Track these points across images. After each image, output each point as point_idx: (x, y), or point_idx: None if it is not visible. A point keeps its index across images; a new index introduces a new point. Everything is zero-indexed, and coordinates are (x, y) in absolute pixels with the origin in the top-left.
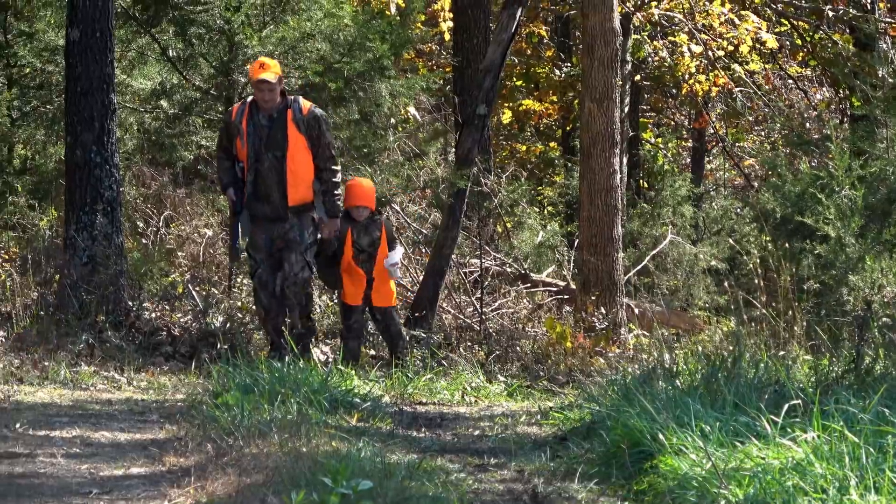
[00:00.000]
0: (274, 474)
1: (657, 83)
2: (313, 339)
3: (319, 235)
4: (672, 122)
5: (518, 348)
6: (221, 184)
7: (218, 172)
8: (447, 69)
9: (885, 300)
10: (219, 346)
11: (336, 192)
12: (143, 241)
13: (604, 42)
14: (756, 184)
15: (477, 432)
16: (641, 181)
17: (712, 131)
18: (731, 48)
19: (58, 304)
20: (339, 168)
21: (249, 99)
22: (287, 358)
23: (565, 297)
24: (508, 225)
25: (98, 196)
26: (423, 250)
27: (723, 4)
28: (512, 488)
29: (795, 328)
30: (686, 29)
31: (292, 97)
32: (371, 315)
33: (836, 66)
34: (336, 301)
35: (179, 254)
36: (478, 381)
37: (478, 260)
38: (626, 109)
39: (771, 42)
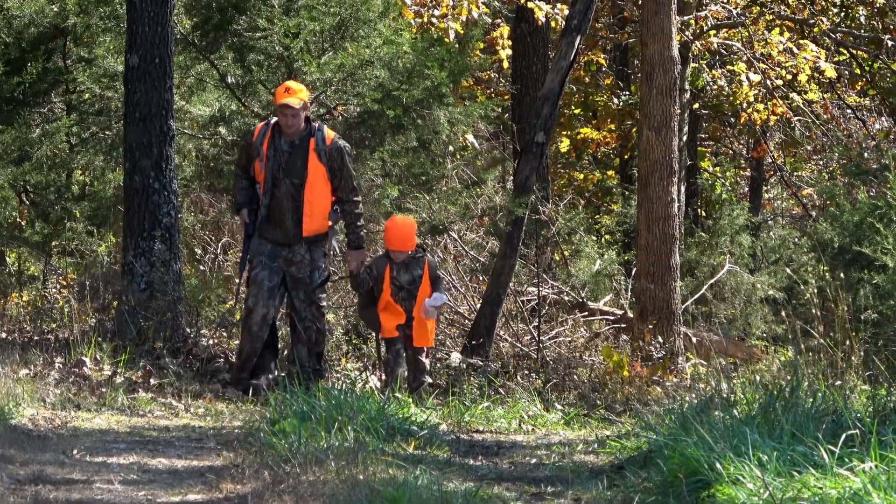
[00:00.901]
0: (331, 502)
1: (715, 112)
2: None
3: (348, 270)
4: (730, 151)
5: (575, 377)
6: (236, 203)
7: (233, 191)
8: (506, 97)
9: None
10: (277, 373)
11: (359, 223)
12: (201, 267)
13: (662, 70)
14: (814, 213)
15: (534, 460)
16: (699, 210)
17: (770, 160)
18: (789, 77)
19: (115, 330)
20: (360, 199)
21: (273, 121)
22: (262, 382)
23: (622, 325)
24: (566, 253)
25: (156, 222)
26: (481, 278)
27: (782, 34)
28: None
29: (853, 358)
30: (745, 58)
31: (317, 125)
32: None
33: (894, 96)
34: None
35: (237, 281)
36: (535, 410)
37: (535, 288)
38: (685, 138)
39: (830, 71)
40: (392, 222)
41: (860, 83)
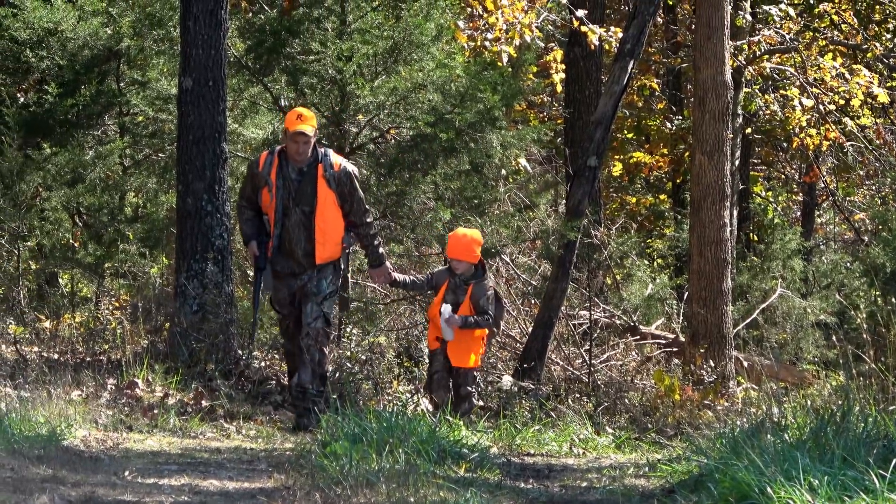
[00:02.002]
0: None
1: (768, 136)
2: (321, 405)
3: (375, 282)
4: (782, 176)
5: (626, 400)
6: (244, 235)
7: (239, 223)
8: (558, 121)
9: None
10: (328, 396)
11: (376, 242)
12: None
13: (715, 95)
14: (866, 238)
15: (585, 484)
16: (751, 234)
17: (823, 185)
18: (842, 102)
19: (168, 352)
20: (372, 220)
21: (277, 149)
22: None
23: (674, 349)
24: (618, 277)
25: (209, 244)
26: (533, 301)
27: (834, 58)
28: None
29: None
30: (797, 83)
31: (323, 151)
32: (450, 373)
33: None
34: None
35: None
36: (586, 433)
37: (587, 312)
38: (737, 162)
39: (882, 96)
40: (454, 232)
41: None
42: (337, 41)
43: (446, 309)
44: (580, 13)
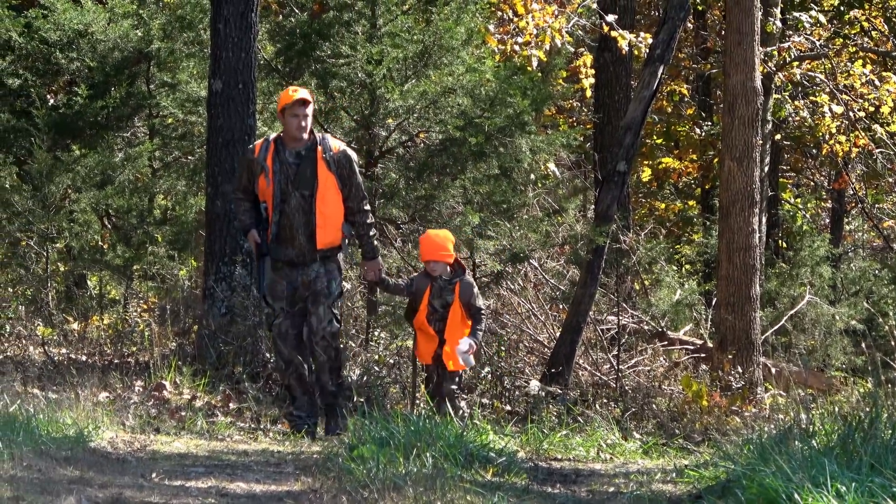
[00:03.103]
0: None
1: (797, 143)
2: (350, 401)
3: (364, 278)
4: (812, 183)
5: (654, 406)
6: (242, 225)
7: (237, 214)
8: (588, 126)
9: None
10: (355, 398)
11: (371, 233)
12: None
13: (745, 101)
14: (895, 245)
15: (612, 489)
16: (780, 241)
17: (852, 192)
18: (872, 109)
19: (196, 354)
20: (370, 210)
21: (272, 136)
22: (314, 419)
23: (702, 355)
24: (646, 282)
25: (237, 247)
26: (561, 306)
27: (864, 65)
28: None
29: None
30: (827, 89)
31: (321, 135)
32: (438, 374)
33: None
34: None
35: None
36: (613, 438)
37: (615, 317)
38: (766, 169)
39: None
40: (426, 233)
41: None
42: (367, 45)
43: (465, 343)
44: (610, 18)
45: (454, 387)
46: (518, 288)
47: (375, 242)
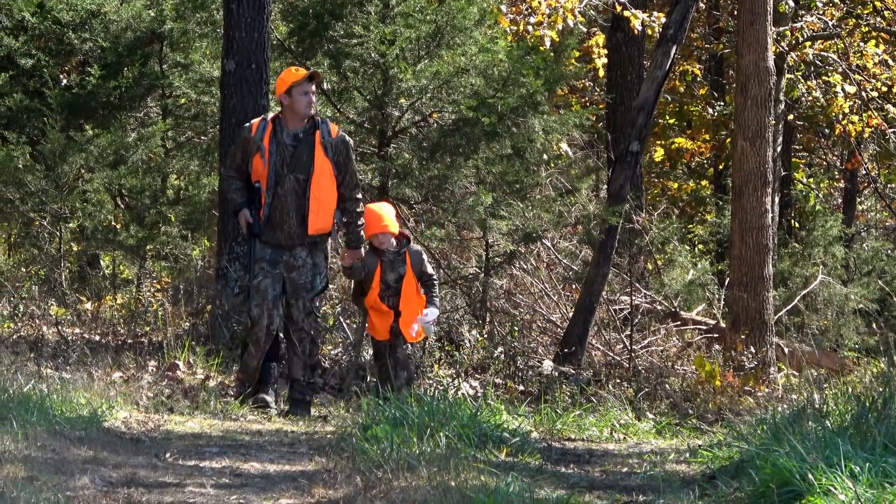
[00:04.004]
0: None
1: (810, 123)
2: (311, 395)
3: (341, 264)
4: (824, 162)
5: (667, 386)
6: (234, 204)
7: (228, 192)
8: (600, 106)
9: None
10: (369, 378)
11: (360, 222)
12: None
13: (757, 81)
14: None
15: (625, 469)
16: (793, 221)
17: (864, 172)
18: (884, 89)
19: (209, 334)
20: (361, 198)
21: (271, 115)
22: (268, 397)
23: (715, 335)
24: (659, 262)
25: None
26: (574, 286)
27: (877, 45)
28: None
29: None
30: (840, 69)
31: (320, 118)
32: (391, 343)
33: None
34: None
35: (331, 286)
36: (626, 418)
37: (628, 297)
38: (779, 149)
39: None
40: (367, 207)
41: None
42: (380, 25)
43: (432, 312)
44: None
45: (409, 351)
46: (531, 268)
47: (361, 232)
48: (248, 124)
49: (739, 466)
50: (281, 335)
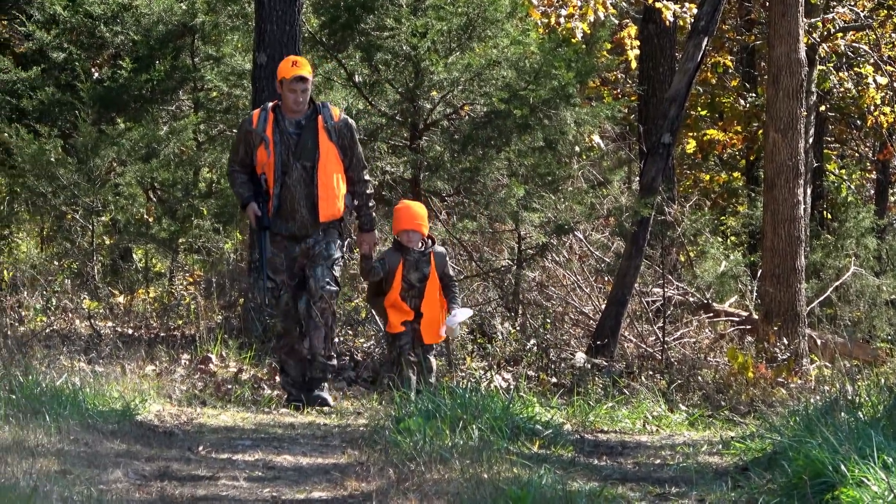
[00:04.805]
0: (455, 500)
1: (842, 114)
2: (331, 378)
3: (359, 251)
4: (856, 154)
5: (699, 378)
6: (241, 198)
7: (234, 187)
8: (632, 98)
9: None
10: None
11: (370, 204)
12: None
13: (789, 73)
14: None
15: (658, 461)
16: (825, 212)
17: None
18: None
19: (241, 327)
20: (370, 180)
21: (270, 105)
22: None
23: (747, 327)
24: (691, 254)
25: None
26: (606, 278)
27: None
28: None
29: None
30: (872, 60)
31: (321, 102)
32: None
33: None
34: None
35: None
36: (659, 410)
37: (660, 289)
38: (811, 140)
39: None
40: (401, 203)
41: None
42: (411, 17)
43: (464, 312)
44: None
45: (432, 362)
46: (563, 260)
47: (374, 215)
48: (248, 116)
49: (772, 458)
50: None
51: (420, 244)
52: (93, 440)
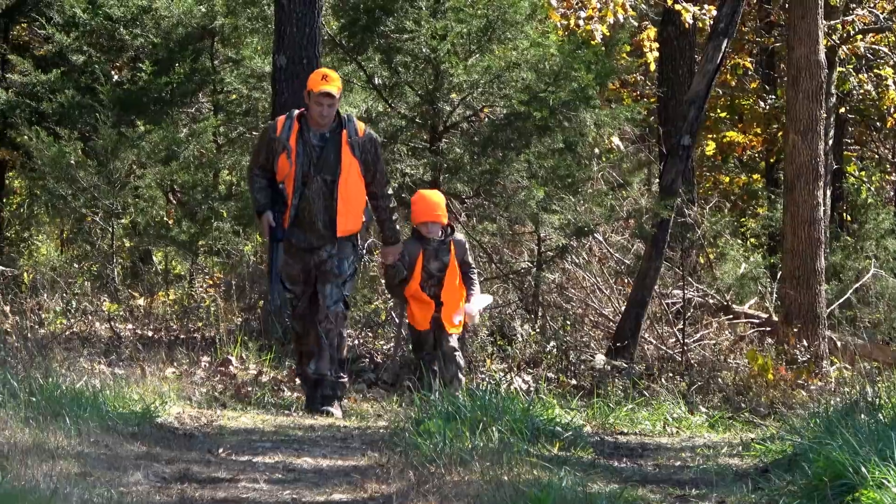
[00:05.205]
0: (475, 502)
1: (861, 116)
2: (344, 395)
3: (382, 260)
4: (876, 156)
5: (720, 379)
6: (257, 205)
7: (252, 192)
8: (652, 100)
9: None
10: (418, 371)
11: (394, 217)
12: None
13: (809, 75)
14: None
15: (678, 463)
16: (844, 214)
17: None
18: None
19: (261, 329)
20: (392, 194)
21: (296, 113)
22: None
23: (767, 328)
24: (711, 256)
25: None
26: (626, 280)
27: None
28: None
29: None
30: (891, 62)
31: (346, 115)
32: (435, 336)
33: None
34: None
35: (383, 281)
36: (679, 412)
37: (680, 291)
38: (830, 142)
39: None
40: (417, 194)
41: None
42: (431, 19)
43: (484, 299)
44: None
45: (454, 343)
46: (583, 262)
47: (397, 227)
48: (272, 122)
49: (792, 460)
50: None
51: (440, 233)
52: (113, 442)
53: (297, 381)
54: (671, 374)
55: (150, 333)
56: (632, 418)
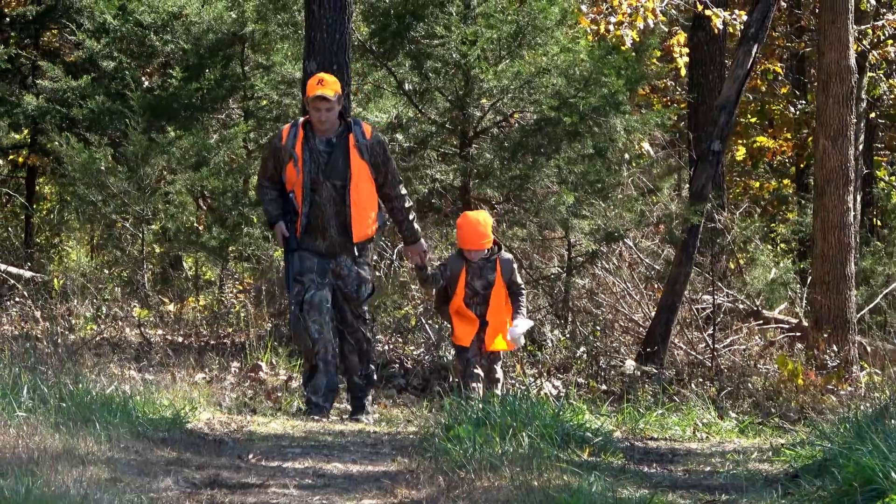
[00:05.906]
0: None
1: (892, 121)
2: (374, 392)
3: (411, 263)
4: None
5: (749, 385)
6: (269, 217)
7: (263, 205)
8: (682, 105)
9: None
10: (451, 378)
11: (411, 216)
12: (377, 273)
13: (839, 80)
14: None
15: (708, 468)
16: (875, 219)
17: None
18: None
19: (291, 335)
20: (407, 193)
21: (301, 120)
22: (330, 406)
23: (797, 334)
24: (741, 261)
25: None
26: (656, 286)
27: None
28: None
29: None
30: None
31: (352, 119)
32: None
33: None
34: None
35: (412, 287)
36: (709, 417)
37: (710, 296)
38: (861, 147)
39: None
40: (464, 218)
41: None
42: (461, 25)
43: (524, 323)
44: None
45: (499, 375)
46: (613, 267)
47: (416, 225)
48: (277, 132)
49: (822, 465)
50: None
51: (486, 251)
52: (143, 448)
53: (307, 396)
54: (701, 380)
55: (180, 339)
56: (662, 424)
